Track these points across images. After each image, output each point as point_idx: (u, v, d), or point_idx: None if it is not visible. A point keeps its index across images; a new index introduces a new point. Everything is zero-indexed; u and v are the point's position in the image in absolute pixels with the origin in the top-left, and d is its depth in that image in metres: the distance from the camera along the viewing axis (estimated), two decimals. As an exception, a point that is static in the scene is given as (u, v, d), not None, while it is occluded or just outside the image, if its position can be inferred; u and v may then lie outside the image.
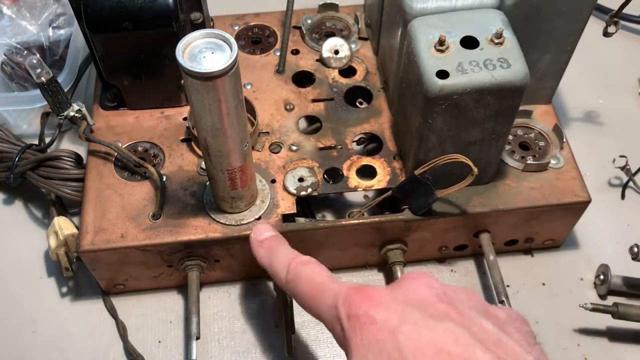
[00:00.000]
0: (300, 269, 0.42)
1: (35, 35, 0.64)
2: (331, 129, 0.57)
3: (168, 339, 0.54)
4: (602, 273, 0.57)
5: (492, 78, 0.44)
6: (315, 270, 0.42)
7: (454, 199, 0.52)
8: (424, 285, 0.38)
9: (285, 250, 0.45)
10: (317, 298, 0.40)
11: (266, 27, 0.64)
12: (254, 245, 0.47)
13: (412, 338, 0.35)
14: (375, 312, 0.36)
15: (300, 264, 0.43)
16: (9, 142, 0.58)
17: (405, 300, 0.37)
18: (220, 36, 0.40)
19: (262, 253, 0.46)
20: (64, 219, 0.54)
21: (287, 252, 0.45)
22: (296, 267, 0.43)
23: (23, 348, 0.54)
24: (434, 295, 0.37)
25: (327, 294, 0.39)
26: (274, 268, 0.44)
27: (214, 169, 0.47)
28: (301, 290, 0.42)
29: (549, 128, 0.57)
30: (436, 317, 0.36)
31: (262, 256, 0.46)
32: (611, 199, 0.63)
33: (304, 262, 0.43)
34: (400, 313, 0.36)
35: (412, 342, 0.34)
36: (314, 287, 0.41)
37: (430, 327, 0.35)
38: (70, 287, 0.57)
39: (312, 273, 0.42)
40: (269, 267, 0.45)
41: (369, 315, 0.36)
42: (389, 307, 0.36)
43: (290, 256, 0.44)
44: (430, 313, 0.36)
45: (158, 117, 0.57)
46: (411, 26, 0.47)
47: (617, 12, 0.52)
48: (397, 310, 0.36)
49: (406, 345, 0.34)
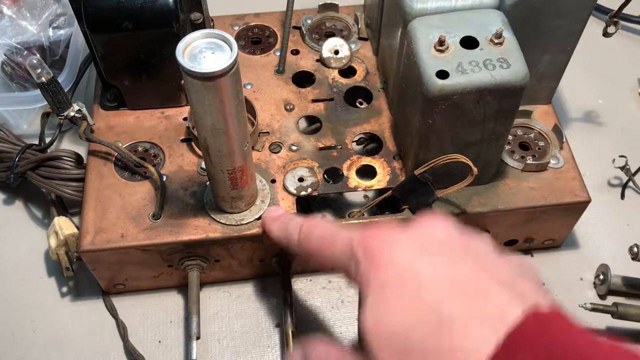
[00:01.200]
0: (311, 226, 0.43)
1: (36, 35, 0.64)
2: (331, 129, 0.57)
3: (168, 339, 0.54)
4: (601, 273, 0.57)
5: (492, 78, 0.44)
6: (326, 225, 0.42)
7: (454, 199, 0.52)
8: (441, 226, 0.38)
9: (296, 218, 0.46)
10: (330, 246, 0.40)
11: (266, 27, 0.64)
12: (266, 222, 0.48)
13: (430, 275, 0.34)
14: (393, 251, 0.36)
15: (312, 223, 0.43)
16: (9, 142, 0.58)
17: (422, 240, 0.37)
18: (220, 36, 0.40)
19: (275, 227, 0.47)
20: (64, 219, 0.54)
21: (299, 218, 0.45)
22: (308, 227, 0.43)
23: (23, 348, 0.54)
24: (451, 234, 0.37)
25: (340, 240, 0.39)
26: (286, 233, 0.45)
27: (214, 169, 0.47)
28: (314, 244, 0.42)
29: (548, 128, 0.57)
30: (453, 257, 0.36)
31: (275, 230, 0.47)
32: (611, 199, 0.63)
33: (316, 221, 0.44)
34: (418, 252, 0.36)
35: (429, 279, 0.34)
36: (326, 238, 0.41)
37: (447, 265, 0.35)
38: (70, 287, 0.57)
39: (323, 227, 0.42)
40: (282, 236, 0.46)
41: (385, 251, 0.36)
42: (407, 246, 0.36)
43: (302, 220, 0.44)
44: (447, 253, 0.36)
45: (158, 117, 0.57)
46: (411, 26, 0.47)
47: (617, 12, 0.52)
48: (414, 249, 0.36)
49: (424, 282, 0.34)
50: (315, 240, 0.42)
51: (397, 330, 0.34)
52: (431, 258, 0.35)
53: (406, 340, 0.33)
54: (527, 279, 0.36)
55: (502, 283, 0.34)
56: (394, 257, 0.36)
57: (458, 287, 0.34)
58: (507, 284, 0.34)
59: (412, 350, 0.33)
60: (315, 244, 0.42)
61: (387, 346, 0.34)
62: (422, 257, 0.35)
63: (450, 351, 0.32)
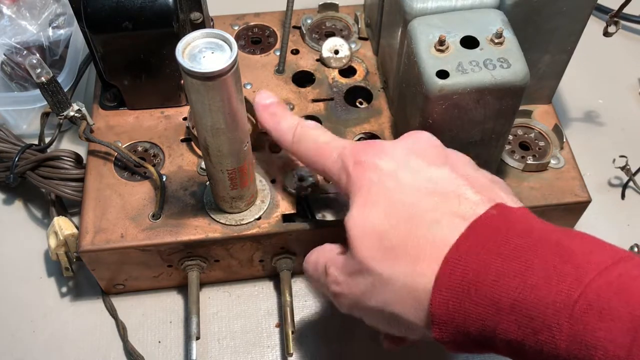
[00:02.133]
0: (305, 131, 0.45)
1: (35, 35, 0.64)
2: (331, 129, 0.56)
3: (168, 339, 0.54)
4: (602, 273, 0.57)
5: (492, 78, 0.44)
6: (320, 132, 0.45)
7: (454, 199, 0.52)
8: (426, 139, 0.41)
9: (290, 116, 0.47)
10: (323, 155, 0.43)
11: (266, 27, 0.64)
12: (258, 108, 0.49)
13: (411, 178, 0.38)
14: (379, 158, 0.40)
15: (306, 127, 0.46)
16: (9, 142, 0.58)
17: (407, 150, 0.40)
18: (220, 36, 0.40)
19: (266, 117, 0.48)
20: (64, 219, 0.54)
21: (293, 118, 0.47)
22: (302, 129, 0.45)
23: (23, 348, 0.54)
24: (434, 146, 0.41)
25: (333, 150, 0.43)
26: (280, 131, 0.47)
27: (214, 169, 0.47)
28: (307, 149, 0.45)
29: (549, 128, 0.57)
30: (434, 164, 0.39)
31: (267, 120, 0.48)
32: (611, 199, 0.63)
33: (309, 125, 0.46)
34: (402, 159, 0.39)
35: (410, 181, 0.38)
36: (319, 145, 0.44)
37: (428, 170, 0.39)
38: (70, 287, 0.57)
39: (317, 134, 0.45)
40: (274, 131, 0.47)
41: (373, 161, 0.40)
42: (393, 154, 0.40)
43: (296, 120, 0.46)
44: (428, 160, 0.39)
45: (158, 117, 0.57)
46: (411, 26, 0.47)
47: (617, 12, 0.52)
48: (399, 156, 0.40)
49: (405, 183, 0.38)
50: (308, 146, 0.45)
51: (377, 228, 0.37)
52: (413, 163, 0.39)
53: (384, 236, 0.37)
54: (501, 188, 0.39)
55: (476, 188, 0.38)
56: (380, 164, 0.39)
57: (434, 188, 0.37)
58: (480, 189, 0.38)
59: (389, 245, 0.37)
60: (308, 150, 0.45)
61: (368, 243, 0.38)
62: (405, 164, 0.39)
63: (423, 241, 0.35)
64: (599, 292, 0.30)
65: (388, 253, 0.37)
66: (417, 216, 0.36)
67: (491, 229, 0.35)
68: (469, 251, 0.34)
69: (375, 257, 0.37)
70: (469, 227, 0.35)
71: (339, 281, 0.40)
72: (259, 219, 0.51)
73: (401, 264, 0.36)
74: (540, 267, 0.32)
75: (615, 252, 0.32)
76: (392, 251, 0.36)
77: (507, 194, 0.38)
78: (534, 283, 0.32)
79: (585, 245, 0.33)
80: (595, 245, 0.33)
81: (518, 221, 0.35)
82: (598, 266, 0.31)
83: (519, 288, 0.32)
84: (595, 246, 0.33)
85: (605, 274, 0.31)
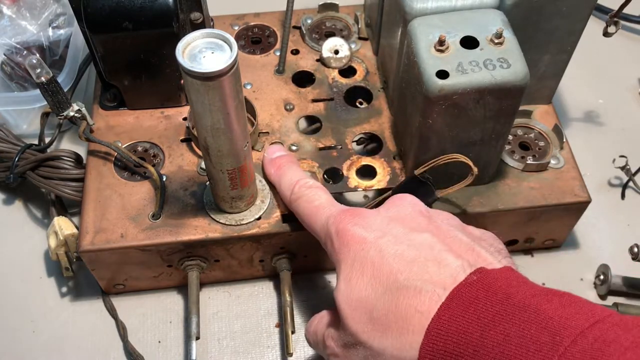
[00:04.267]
0: (303, 191, 0.47)
1: (35, 35, 0.64)
2: (331, 129, 0.57)
3: (168, 339, 0.54)
4: (602, 273, 0.57)
5: (492, 78, 0.44)
6: (316, 194, 0.46)
7: (454, 199, 0.52)
8: (408, 203, 0.43)
9: (293, 172, 0.49)
10: (313, 218, 0.45)
11: (266, 27, 0.64)
12: (265, 163, 0.52)
13: (393, 246, 0.39)
14: (361, 227, 0.41)
15: (304, 187, 0.47)
16: (9, 142, 0.58)
17: (390, 217, 0.41)
18: (220, 36, 0.40)
19: (272, 171, 0.51)
20: (64, 219, 0.54)
21: (295, 174, 0.49)
22: (300, 189, 0.47)
23: (23, 348, 0.54)
24: (416, 212, 0.42)
25: (322, 215, 0.44)
26: (281, 187, 0.49)
27: (214, 169, 0.47)
28: (301, 210, 0.46)
29: (549, 128, 0.57)
30: (415, 230, 0.40)
31: (271, 174, 0.51)
32: (611, 199, 0.63)
33: (307, 185, 0.47)
34: (384, 227, 0.41)
35: (392, 249, 0.39)
36: (312, 208, 0.45)
37: (409, 237, 0.39)
38: (70, 287, 0.57)
39: (312, 196, 0.46)
40: (277, 185, 0.50)
41: (355, 230, 0.41)
42: (374, 222, 0.41)
43: (297, 178, 0.48)
44: (411, 226, 0.40)
45: (158, 117, 0.57)
46: (411, 26, 0.47)
47: (617, 12, 0.52)
48: (381, 224, 0.41)
49: (387, 251, 0.39)
50: (302, 205, 0.46)
51: (364, 301, 0.38)
52: (395, 230, 0.40)
53: (371, 308, 0.38)
54: (485, 246, 0.40)
55: (457, 253, 0.38)
56: (362, 236, 0.40)
57: (416, 255, 0.38)
58: (462, 252, 0.38)
59: (376, 317, 0.38)
60: (302, 209, 0.46)
61: (356, 315, 0.39)
62: (387, 232, 0.40)
63: (408, 312, 0.36)
64: (575, 358, 0.31)
65: (377, 325, 0.38)
66: (401, 286, 0.37)
67: (471, 298, 0.35)
68: (450, 322, 0.35)
69: (365, 330, 0.38)
70: (449, 297, 0.36)
71: (336, 353, 0.42)
72: (259, 219, 0.51)
73: (389, 336, 0.37)
74: (518, 336, 0.33)
75: (592, 313, 0.33)
76: (380, 323, 0.37)
77: (491, 253, 0.39)
78: (513, 352, 0.32)
79: (562, 308, 0.34)
80: (573, 307, 0.34)
81: (498, 287, 0.36)
82: (574, 331, 0.32)
83: (498, 358, 0.33)
84: (573, 308, 0.34)
85: (580, 340, 0.31)
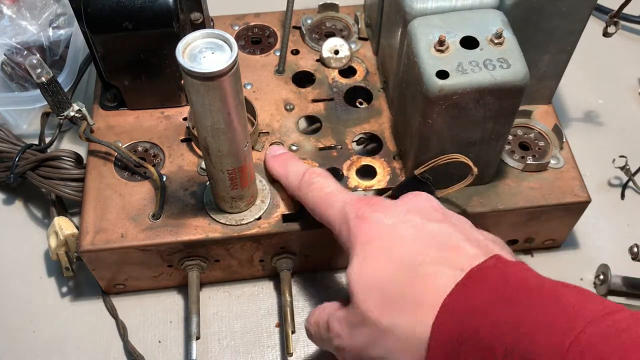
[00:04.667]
0: (313, 178, 0.46)
1: (35, 35, 0.64)
2: (331, 129, 0.57)
3: (168, 339, 0.54)
4: (602, 273, 0.57)
5: (492, 78, 0.44)
6: (327, 181, 0.46)
7: (454, 199, 0.52)
8: (425, 198, 0.43)
9: (300, 162, 0.49)
10: (326, 204, 0.44)
11: (266, 27, 0.64)
12: (268, 159, 0.51)
13: (411, 232, 0.39)
14: (380, 213, 0.41)
15: (314, 173, 0.47)
16: (9, 142, 0.58)
17: (407, 208, 0.41)
18: (220, 36, 0.40)
19: (276, 164, 0.50)
20: (64, 219, 0.54)
21: (302, 165, 0.49)
22: (310, 176, 0.47)
23: (23, 348, 0.54)
24: (433, 207, 0.42)
25: (337, 201, 0.44)
26: (289, 176, 0.49)
27: (214, 169, 0.47)
28: (312, 197, 0.46)
29: (548, 128, 0.57)
30: (434, 220, 0.40)
31: (276, 167, 0.50)
32: (611, 199, 0.63)
33: (317, 172, 0.47)
34: (402, 216, 0.41)
35: (410, 235, 0.39)
36: (324, 194, 0.45)
37: (427, 226, 0.40)
38: (70, 287, 0.57)
39: (323, 183, 0.46)
40: (283, 176, 0.49)
41: (374, 216, 0.41)
42: (394, 211, 0.41)
43: (304, 167, 0.48)
44: (428, 217, 0.41)
45: (158, 117, 0.57)
46: (411, 26, 0.47)
47: (617, 12, 0.52)
48: (400, 213, 0.41)
49: (405, 236, 0.39)
50: (313, 194, 0.46)
51: (377, 282, 0.38)
52: (413, 220, 0.40)
53: (384, 289, 0.38)
54: (498, 245, 0.40)
55: (474, 243, 0.39)
56: (381, 219, 0.40)
57: (432, 242, 0.39)
58: (478, 244, 0.39)
59: (389, 298, 0.38)
60: (313, 198, 0.46)
61: (369, 296, 0.38)
62: (406, 220, 0.40)
63: (422, 290, 0.36)
64: (590, 340, 0.31)
65: (389, 304, 0.38)
66: (417, 267, 0.37)
67: (488, 278, 0.36)
68: (467, 298, 0.35)
69: (377, 308, 0.38)
70: (466, 276, 0.36)
71: (341, 334, 0.41)
72: (259, 219, 0.51)
73: (402, 314, 0.37)
74: (534, 315, 0.33)
75: (605, 306, 0.33)
76: (393, 301, 0.37)
77: (505, 252, 0.39)
78: (528, 331, 0.32)
79: (577, 296, 0.34)
80: (587, 297, 0.34)
81: (514, 272, 0.36)
82: (589, 316, 0.32)
83: (513, 335, 0.33)
84: (586, 298, 0.34)
85: (595, 323, 0.32)
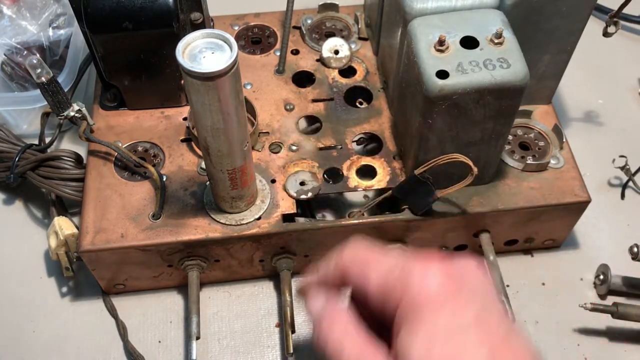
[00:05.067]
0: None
1: (35, 35, 0.64)
2: (331, 129, 0.57)
3: (168, 339, 0.54)
4: (602, 273, 0.57)
5: (492, 78, 0.44)
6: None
7: (454, 199, 0.52)
8: (474, 274, 0.37)
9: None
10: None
11: (266, 27, 0.64)
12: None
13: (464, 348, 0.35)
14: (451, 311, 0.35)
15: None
16: (9, 142, 0.58)
17: (476, 316, 0.36)
18: (220, 36, 0.40)
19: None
20: (64, 219, 0.54)
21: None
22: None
23: (23, 348, 0.54)
24: (480, 288, 0.37)
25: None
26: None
27: (214, 169, 0.47)
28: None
29: (548, 128, 0.57)
30: (487, 342, 0.35)
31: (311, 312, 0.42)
32: (611, 199, 0.63)
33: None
34: (467, 323, 0.35)
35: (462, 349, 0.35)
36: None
37: (473, 325, 0.35)
38: (70, 287, 0.57)
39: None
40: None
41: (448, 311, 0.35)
42: (445, 304, 0.36)
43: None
44: (473, 308, 0.35)
45: (158, 117, 0.57)
46: (411, 26, 0.47)
47: (617, 12, 0.52)
48: (467, 319, 0.35)
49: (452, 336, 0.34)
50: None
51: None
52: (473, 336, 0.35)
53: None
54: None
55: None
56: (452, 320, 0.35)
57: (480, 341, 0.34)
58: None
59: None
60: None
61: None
62: (468, 331, 0.35)
63: None
64: None
65: None
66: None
67: None
68: None
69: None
70: None
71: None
72: (259, 219, 0.51)
73: None
74: None
75: None
76: None
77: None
78: None
79: None
80: None
81: None
82: None
83: None
84: None
85: None
